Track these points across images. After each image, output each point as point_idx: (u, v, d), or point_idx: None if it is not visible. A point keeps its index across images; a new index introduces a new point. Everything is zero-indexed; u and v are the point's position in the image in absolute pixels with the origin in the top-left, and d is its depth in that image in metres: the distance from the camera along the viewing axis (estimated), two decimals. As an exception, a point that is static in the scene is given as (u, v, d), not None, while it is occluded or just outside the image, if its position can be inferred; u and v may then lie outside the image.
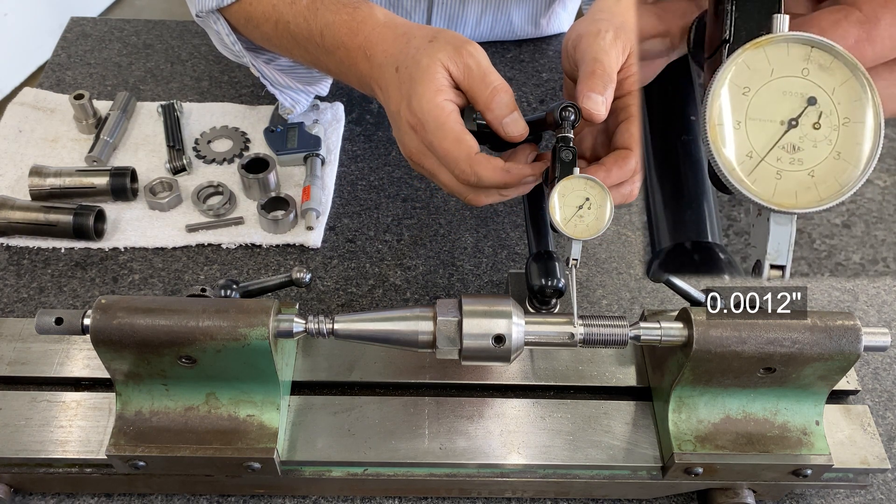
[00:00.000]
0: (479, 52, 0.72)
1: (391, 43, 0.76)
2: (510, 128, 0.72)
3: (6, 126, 1.07)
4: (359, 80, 0.82)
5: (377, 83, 0.78)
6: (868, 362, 0.87)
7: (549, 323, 0.66)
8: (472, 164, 0.69)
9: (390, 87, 0.75)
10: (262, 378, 0.67)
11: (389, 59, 0.76)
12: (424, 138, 0.71)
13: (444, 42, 0.72)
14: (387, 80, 0.75)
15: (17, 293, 0.89)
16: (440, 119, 0.70)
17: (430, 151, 0.72)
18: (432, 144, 0.71)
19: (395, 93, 0.74)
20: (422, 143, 0.72)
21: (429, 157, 0.73)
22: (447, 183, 0.73)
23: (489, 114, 0.72)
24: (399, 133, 0.75)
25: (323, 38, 0.82)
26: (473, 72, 0.71)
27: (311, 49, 0.85)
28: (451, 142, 0.69)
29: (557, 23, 1.26)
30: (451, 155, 0.69)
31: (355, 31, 0.79)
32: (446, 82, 0.71)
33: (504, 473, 0.72)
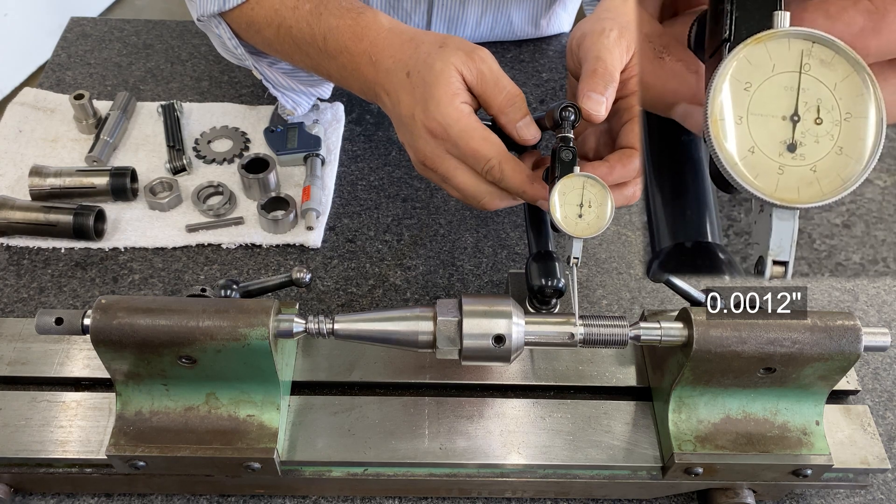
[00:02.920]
0: (490, 58, 0.73)
1: (398, 48, 0.76)
2: (524, 131, 0.72)
3: (6, 126, 1.07)
4: (362, 85, 0.82)
5: (384, 88, 0.77)
6: (868, 362, 0.87)
7: (549, 323, 0.66)
8: (501, 162, 0.70)
9: (401, 91, 0.74)
10: (262, 378, 0.67)
11: (398, 64, 0.75)
12: (446, 142, 0.71)
13: (454, 47, 0.73)
14: (395, 84, 0.75)
15: (17, 293, 0.89)
16: (463, 121, 0.70)
17: (452, 154, 0.72)
18: (457, 146, 0.71)
19: (408, 97, 0.74)
20: (441, 147, 0.72)
21: (447, 159, 0.73)
22: (464, 185, 0.73)
23: (503, 117, 0.72)
24: (412, 137, 0.75)
25: (326, 43, 0.82)
26: (487, 76, 0.72)
27: (313, 54, 0.85)
28: (479, 141, 0.70)
29: (557, 23, 1.26)
30: (482, 153, 0.70)
31: (360, 36, 0.79)
32: (461, 86, 0.72)
33: (504, 473, 0.72)
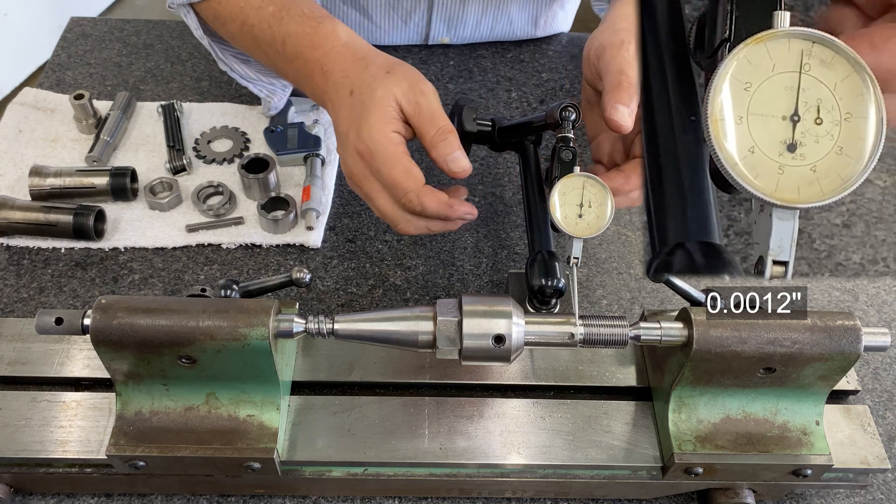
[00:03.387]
0: (431, 92, 0.75)
1: (349, 64, 0.79)
2: (453, 165, 0.74)
3: (6, 126, 1.07)
4: (313, 91, 0.85)
5: (330, 100, 0.80)
6: (868, 362, 0.87)
7: (549, 323, 0.66)
8: (419, 195, 0.72)
9: (342, 108, 0.77)
10: (262, 378, 0.67)
11: (345, 80, 0.78)
12: (371, 165, 0.73)
13: (400, 77, 0.75)
14: (340, 99, 0.77)
15: (17, 293, 0.89)
16: (389, 150, 0.72)
17: (375, 178, 0.74)
18: (380, 172, 0.73)
19: (346, 115, 0.76)
20: (366, 169, 0.74)
21: (370, 181, 0.75)
22: (383, 207, 0.75)
23: (434, 151, 0.74)
24: (344, 154, 0.77)
25: (284, 47, 0.84)
26: (423, 110, 0.74)
27: (272, 55, 0.88)
28: (401, 172, 0.72)
29: (557, 23, 1.26)
30: (401, 185, 0.72)
31: (315, 46, 0.82)
32: (397, 115, 0.74)
33: (504, 473, 0.72)
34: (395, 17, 1.17)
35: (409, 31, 1.20)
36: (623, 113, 0.73)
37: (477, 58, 1.22)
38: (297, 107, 1.10)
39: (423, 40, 1.22)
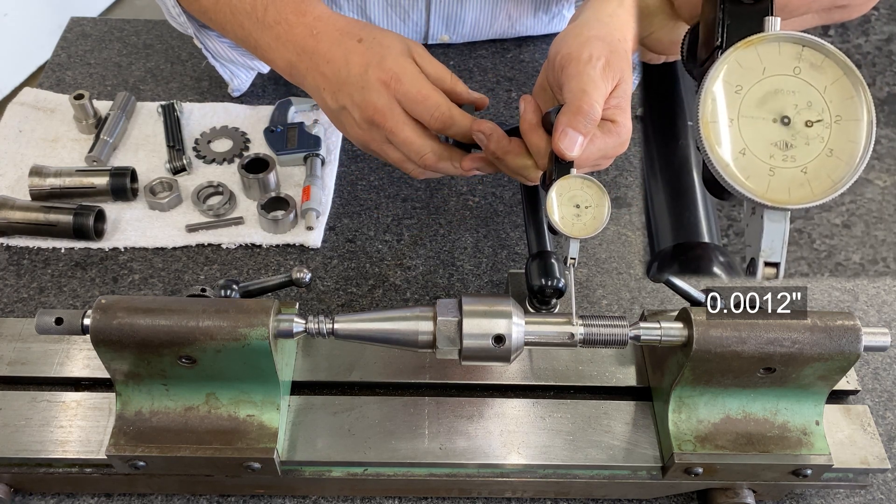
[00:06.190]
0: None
1: (346, 24, 0.81)
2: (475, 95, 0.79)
3: (6, 126, 1.07)
4: (292, 56, 0.83)
5: (324, 58, 0.80)
6: (868, 362, 0.87)
7: (549, 323, 0.66)
8: (451, 107, 0.75)
9: (350, 54, 0.78)
10: (262, 378, 0.67)
11: (347, 35, 0.80)
12: (399, 90, 0.75)
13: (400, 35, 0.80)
14: (343, 50, 0.79)
15: (17, 293, 0.89)
16: (415, 72, 0.76)
17: (401, 107, 0.76)
18: (409, 93, 0.75)
19: (359, 58, 0.78)
20: (392, 99, 0.76)
21: (395, 112, 0.76)
22: (408, 139, 0.77)
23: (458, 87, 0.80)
24: (362, 93, 0.77)
25: (266, 13, 0.85)
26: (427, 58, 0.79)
27: (247, 24, 0.87)
28: (431, 88, 0.75)
29: (556, 22, 1.26)
30: (432, 98, 0.75)
31: (303, 12, 0.83)
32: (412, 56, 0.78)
33: (504, 473, 0.72)
34: (393, 16, 1.17)
35: (407, 30, 1.20)
36: (573, 140, 0.68)
37: (477, 57, 1.22)
38: (297, 107, 1.10)
39: (422, 39, 1.22)
